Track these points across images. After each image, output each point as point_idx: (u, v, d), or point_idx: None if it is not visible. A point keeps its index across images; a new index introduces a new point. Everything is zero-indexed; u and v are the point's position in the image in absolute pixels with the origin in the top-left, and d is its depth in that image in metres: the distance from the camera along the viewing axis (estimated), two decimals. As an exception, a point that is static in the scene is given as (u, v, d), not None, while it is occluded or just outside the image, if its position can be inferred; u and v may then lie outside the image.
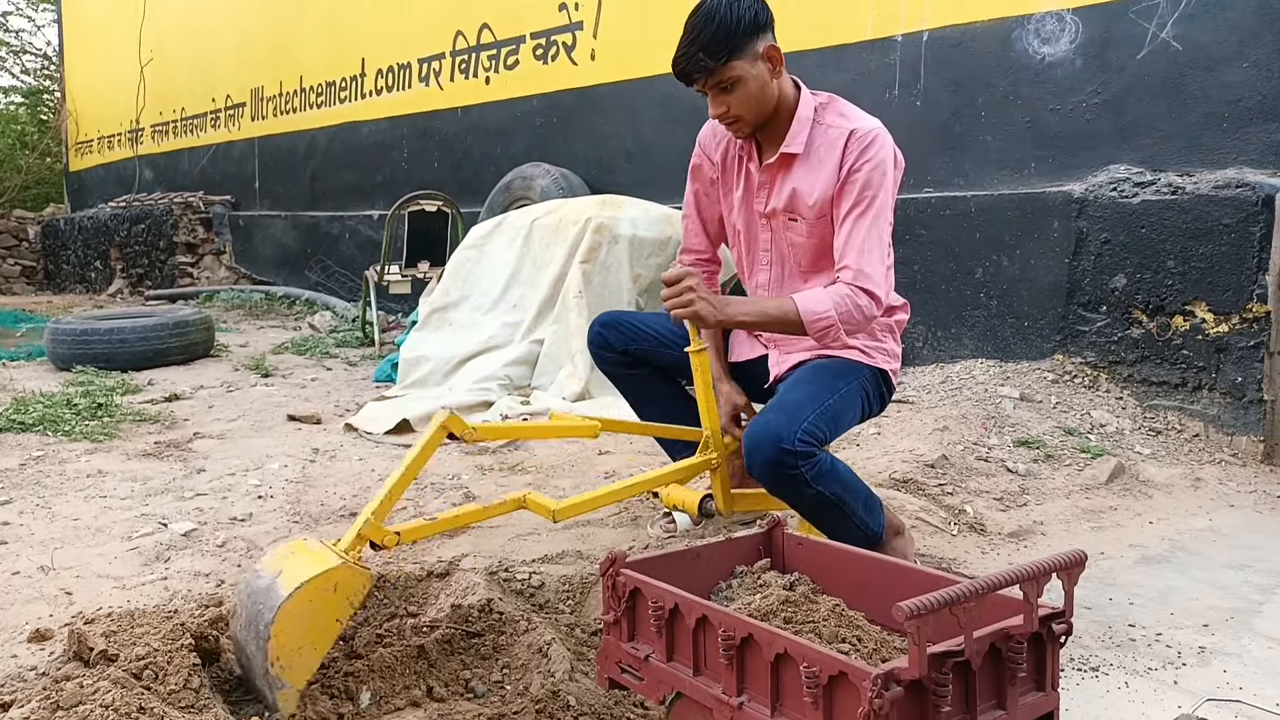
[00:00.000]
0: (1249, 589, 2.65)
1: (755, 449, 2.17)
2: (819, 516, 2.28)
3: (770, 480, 2.20)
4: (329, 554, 1.95)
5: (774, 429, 2.16)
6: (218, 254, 11.42)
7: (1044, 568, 1.42)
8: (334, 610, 1.92)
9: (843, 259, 2.33)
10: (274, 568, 1.93)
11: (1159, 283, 4.17)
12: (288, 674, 1.84)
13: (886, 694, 1.27)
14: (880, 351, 2.53)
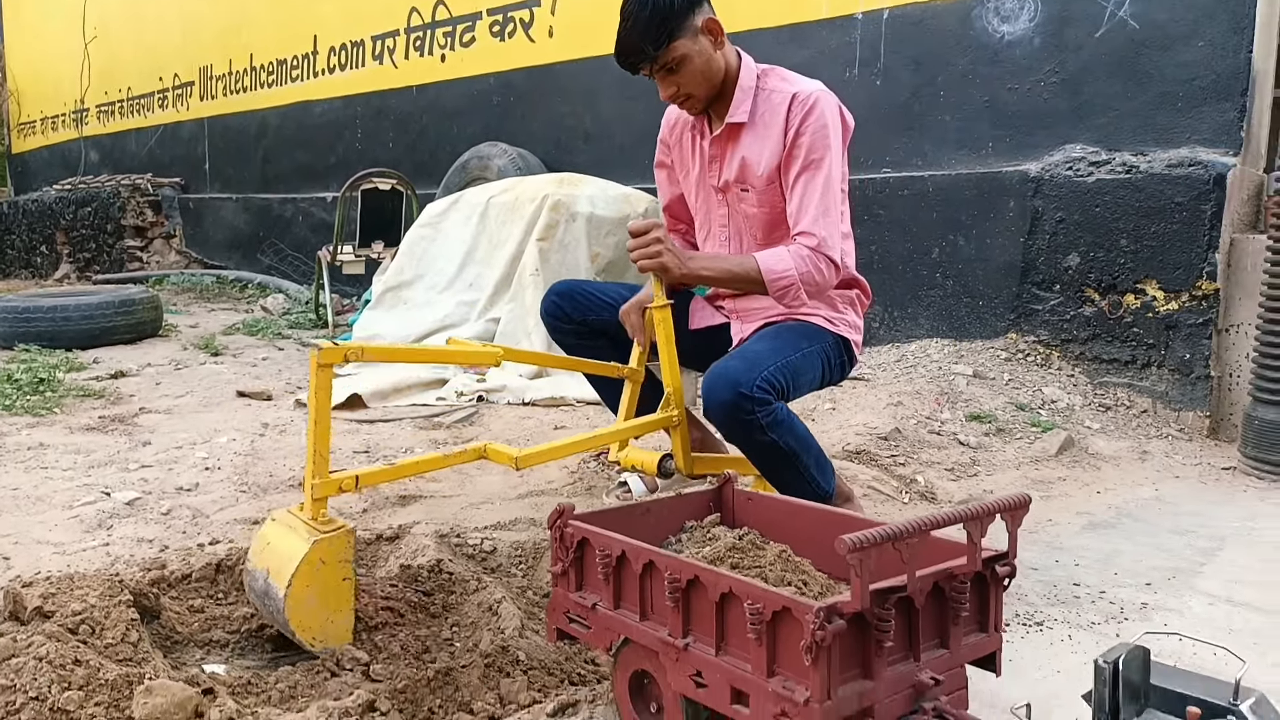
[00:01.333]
0: (1191, 552, 2.70)
1: (713, 391, 2.16)
2: (772, 467, 2.28)
3: (726, 424, 2.19)
4: (300, 534, 1.91)
5: (733, 374, 2.15)
6: (167, 238, 11.16)
7: (988, 508, 1.43)
8: (334, 577, 1.92)
9: (798, 224, 2.34)
10: (261, 565, 1.94)
11: (1112, 261, 4.24)
12: (331, 641, 1.92)
13: (829, 626, 1.26)
14: (843, 321, 2.54)
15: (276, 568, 1.91)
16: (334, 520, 1.96)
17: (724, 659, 1.43)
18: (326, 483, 1.98)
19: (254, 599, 2.00)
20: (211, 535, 2.62)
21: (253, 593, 1.99)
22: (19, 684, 1.63)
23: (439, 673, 1.86)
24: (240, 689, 1.81)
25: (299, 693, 1.83)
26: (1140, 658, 1.21)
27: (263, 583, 1.93)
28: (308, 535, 1.90)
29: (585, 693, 1.84)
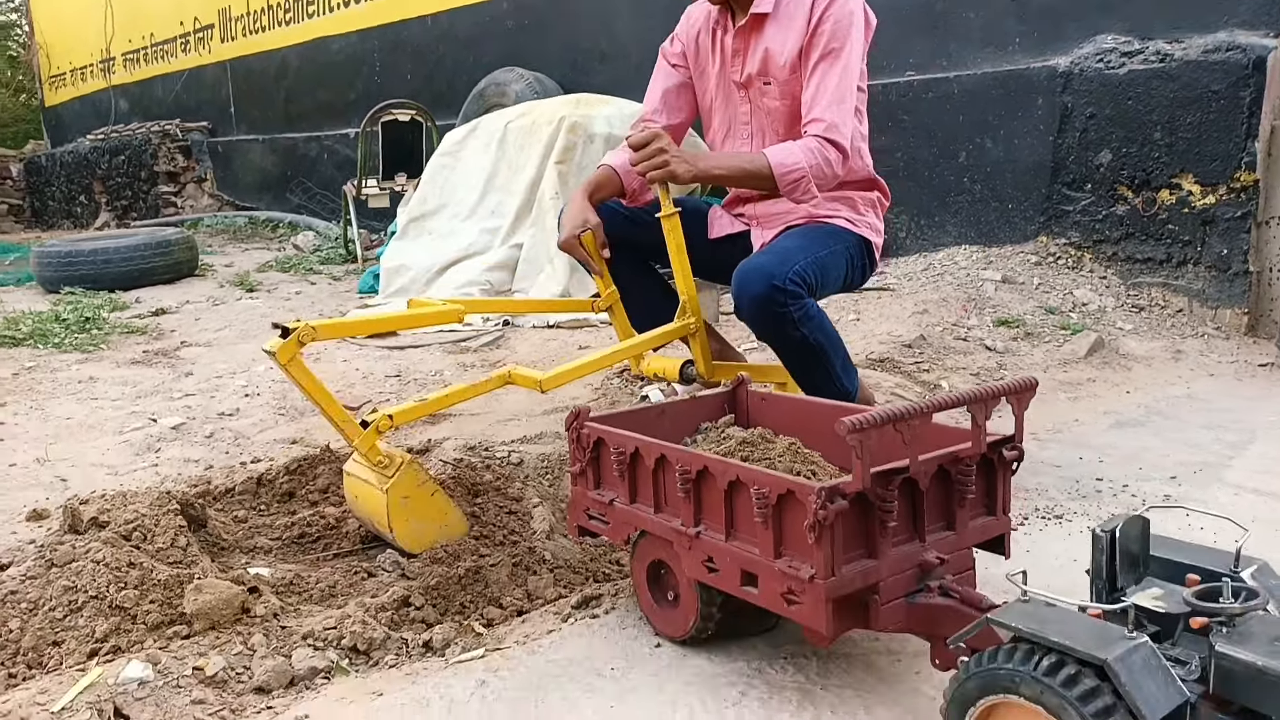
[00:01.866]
0: (1220, 446, 2.69)
1: (746, 284, 2.16)
2: (801, 363, 2.29)
3: (759, 318, 2.19)
4: (374, 485, 2.05)
5: (766, 267, 2.16)
6: (199, 182, 11.28)
7: (992, 391, 1.44)
8: (422, 500, 2.06)
9: (810, 111, 2.30)
10: (364, 515, 2.15)
11: (1145, 156, 4.12)
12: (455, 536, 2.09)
13: (830, 506, 1.30)
14: (864, 224, 2.52)
15: (375, 517, 2.08)
16: (393, 457, 2.06)
17: (734, 544, 1.48)
18: (366, 437, 2.05)
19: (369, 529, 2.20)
20: (253, 454, 2.72)
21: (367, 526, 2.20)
22: (79, 584, 1.74)
23: (469, 571, 1.95)
24: (284, 588, 1.91)
25: (339, 591, 1.94)
26: (1139, 528, 1.23)
27: (373, 528, 2.13)
28: (380, 484, 2.04)
29: (609, 588, 1.92)
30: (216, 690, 1.60)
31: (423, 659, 1.71)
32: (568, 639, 1.74)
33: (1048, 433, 2.84)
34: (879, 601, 1.39)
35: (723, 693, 1.53)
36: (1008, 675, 1.08)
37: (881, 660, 1.61)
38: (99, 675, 1.61)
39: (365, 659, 1.71)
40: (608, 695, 1.54)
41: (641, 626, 1.76)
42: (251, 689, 1.61)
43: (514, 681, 1.60)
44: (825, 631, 1.34)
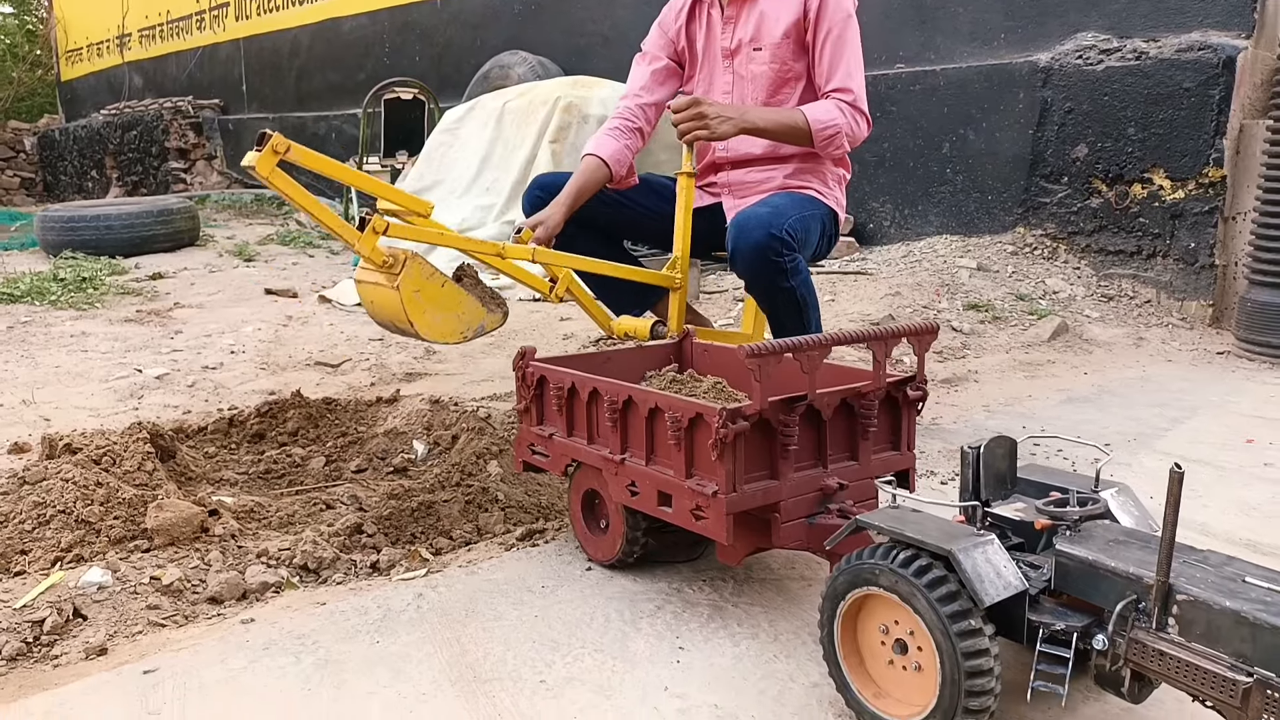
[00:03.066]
0: (1161, 421, 2.78)
1: (744, 232, 2.24)
2: (786, 316, 2.39)
3: (755, 265, 2.27)
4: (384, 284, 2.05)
5: (764, 218, 2.26)
6: (209, 159, 11.43)
7: (893, 331, 1.54)
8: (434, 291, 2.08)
9: (830, 82, 2.44)
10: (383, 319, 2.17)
11: (1119, 151, 4.21)
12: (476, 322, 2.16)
13: (731, 426, 1.41)
14: (832, 197, 2.63)
15: (393, 317, 2.09)
16: (397, 254, 2.07)
17: (653, 468, 1.59)
18: (366, 238, 2.05)
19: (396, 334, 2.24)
20: (231, 403, 2.84)
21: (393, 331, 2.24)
22: (48, 500, 1.86)
23: (421, 504, 2.06)
24: (244, 514, 2.02)
25: (297, 520, 2.05)
26: (1005, 447, 1.33)
27: (394, 327, 2.16)
28: (390, 281, 2.05)
29: (552, 525, 2.03)
30: (171, 598, 1.71)
31: (369, 578, 1.82)
32: (506, 563, 1.85)
33: (1000, 405, 2.94)
34: (780, 519, 1.49)
35: (640, 606, 1.64)
36: (870, 569, 1.19)
37: (794, 585, 1.71)
38: (60, 578, 1.72)
39: (315, 576, 1.82)
40: (533, 608, 1.65)
41: (577, 554, 1.87)
42: (205, 599, 1.72)
43: (449, 595, 1.71)
44: (726, 541, 1.45)
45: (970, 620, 1.10)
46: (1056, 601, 1.17)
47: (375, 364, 3.30)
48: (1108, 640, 1.09)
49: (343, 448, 2.42)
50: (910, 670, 1.19)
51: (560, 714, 1.33)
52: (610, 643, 1.52)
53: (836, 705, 1.32)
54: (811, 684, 1.39)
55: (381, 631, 1.57)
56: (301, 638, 1.56)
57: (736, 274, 2.40)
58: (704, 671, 1.43)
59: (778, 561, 1.81)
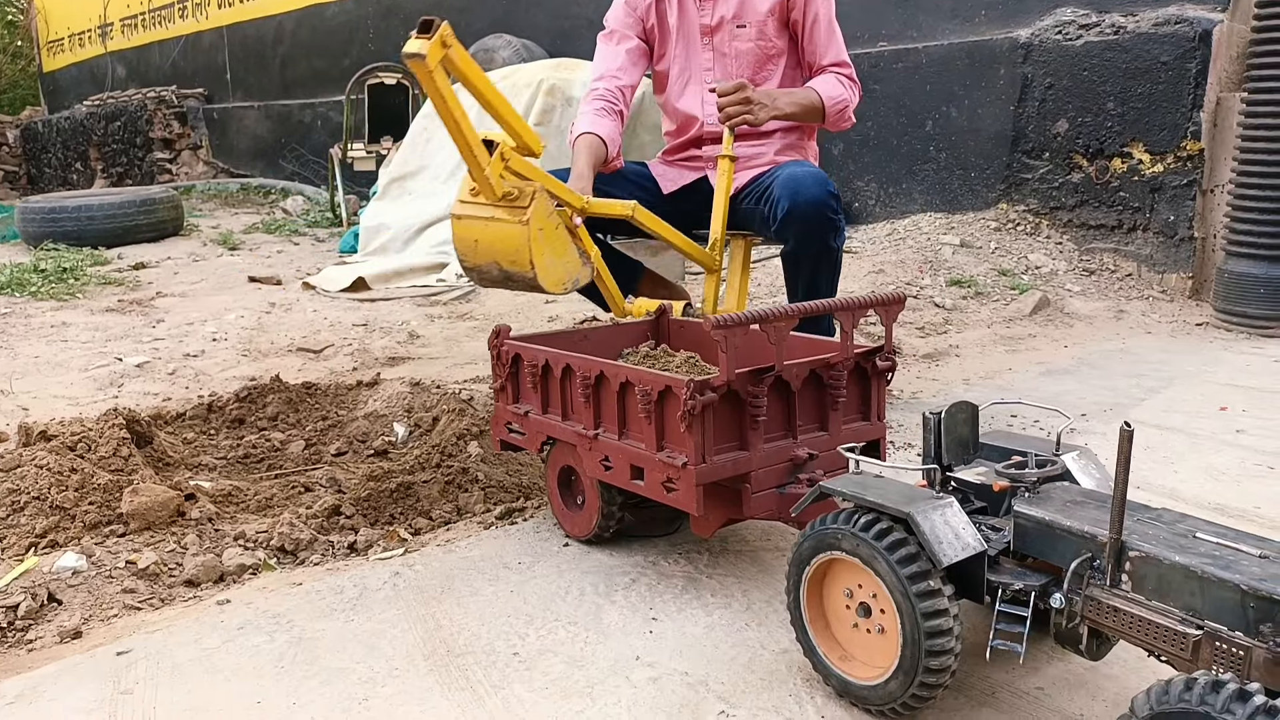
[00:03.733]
0: (1138, 391, 2.80)
1: (804, 187, 2.27)
2: (824, 280, 2.43)
3: (813, 223, 2.29)
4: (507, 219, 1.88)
5: (817, 175, 2.30)
6: (195, 149, 11.36)
7: (860, 301, 1.55)
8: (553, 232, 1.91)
9: (826, 56, 2.52)
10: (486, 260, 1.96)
11: (1099, 125, 4.21)
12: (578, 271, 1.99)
13: (699, 398, 1.42)
14: None
15: (509, 256, 1.87)
16: (522, 188, 1.87)
17: (625, 442, 1.60)
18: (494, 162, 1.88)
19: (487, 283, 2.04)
20: (212, 390, 2.84)
21: (486, 280, 2.03)
22: (22, 486, 1.86)
23: (401, 486, 2.07)
24: (222, 498, 2.03)
25: (275, 503, 2.06)
26: (967, 413, 1.34)
27: (499, 272, 1.94)
28: (516, 216, 1.85)
29: (532, 503, 2.04)
30: (147, 582, 1.72)
31: (346, 558, 1.83)
32: (484, 542, 1.86)
33: (979, 378, 2.96)
34: (750, 490, 1.50)
35: (615, 580, 1.66)
36: (833, 534, 1.20)
37: (768, 555, 1.73)
38: (34, 563, 1.73)
39: (292, 558, 1.83)
40: (509, 583, 1.66)
41: (555, 531, 1.88)
42: (181, 582, 1.73)
43: (426, 573, 1.72)
44: (696, 512, 1.46)
45: (929, 581, 1.11)
46: (1016, 562, 1.19)
47: (358, 349, 3.30)
48: (1064, 598, 1.11)
49: (322, 431, 2.43)
50: (874, 633, 1.20)
51: (531, 685, 1.34)
52: (584, 615, 1.54)
53: (805, 670, 1.33)
54: (781, 650, 1.41)
55: (357, 610, 1.59)
56: (276, 617, 1.57)
57: (784, 237, 2.39)
58: (676, 641, 1.45)
59: (753, 533, 1.82)
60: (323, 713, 1.29)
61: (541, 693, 1.32)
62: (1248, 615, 0.98)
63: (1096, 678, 1.30)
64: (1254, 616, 0.98)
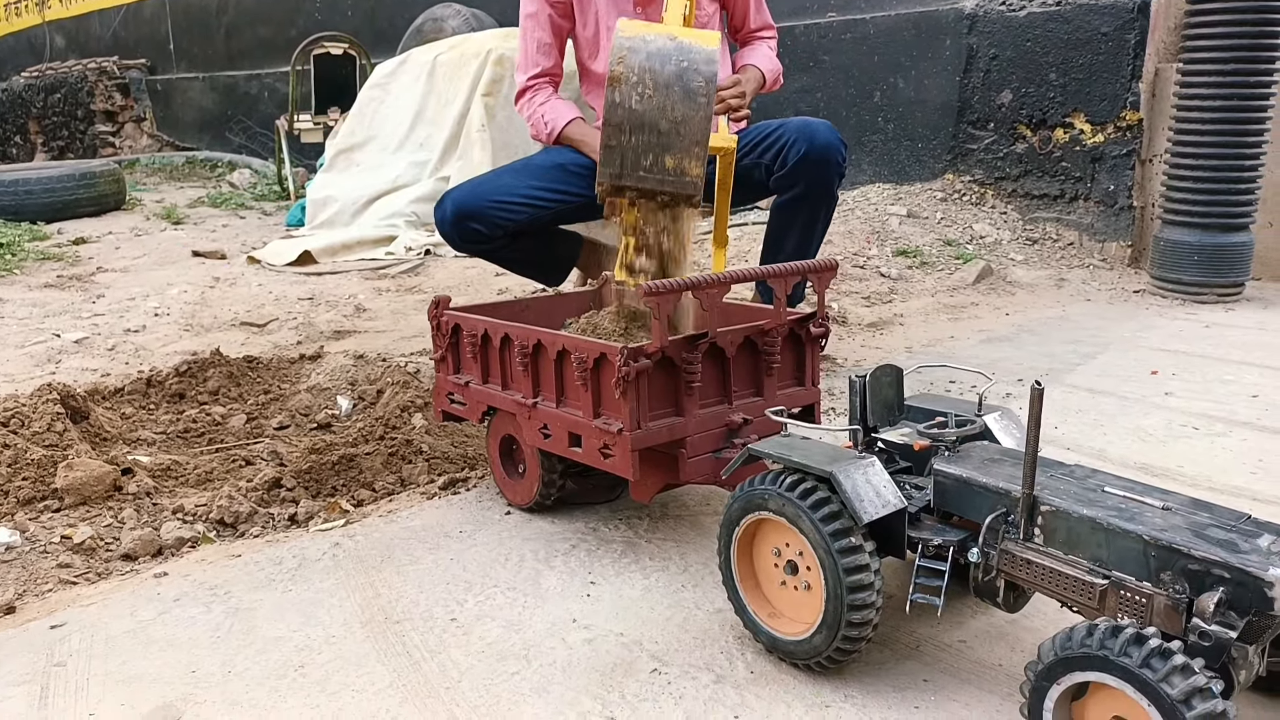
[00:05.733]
0: (1074, 356, 2.87)
1: (818, 134, 2.37)
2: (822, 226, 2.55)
3: (825, 168, 2.39)
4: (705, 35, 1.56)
5: (828, 123, 2.41)
6: (138, 121, 11.05)
7: (792, 269, 1.57)
8: None
9: (757, 22, 2.67)
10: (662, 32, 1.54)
11: (1042, 96, 4.27)
12: None
13: (633, 364, 1.43)
14: None
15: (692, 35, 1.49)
16: None
17: (563, 410, 1.61)
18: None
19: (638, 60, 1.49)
20: (152, 365, 2.79)
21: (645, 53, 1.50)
22: (-48, 463, 1.82)
23: (343, 458, 2.06)
24: (160, 473, 2.01)
25: (215, 476, 2.04)
26: (892, 376, 1.38)
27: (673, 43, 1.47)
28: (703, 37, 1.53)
29: (476, 473, 2.04)
30: (84, 556, 1.70)
31: (287, 530, 1.82)
32: (426, 511, 1.86)
33: (922, 346, 3.01)
34: (686, 455, 1.52)
35: (555, 546, 1.67)
36: (760, 494, 1.23)
37: (707, 520, 1.76)
38: (-32, 539, 1.70)
39: (232, 531, 1.82)
40: (450, 551, 1.67)
41: (497, 500, 1.89)
42: (119, 556, 1.71)
43: (366, 543, 1.72)
44: (633, 477, 1.48)
45: (851, 538, 1.14)
46: (936, 519, 1.22)
47: (303, 323, 3.26)
48: (981, 552, 1.15)
49: (264, 405, 2.41)
50: (800, 590, 1.23)
51: (468, 649, 1.36)
52: (523, 581, 1.55)
53: (737, 628, 1.36)
54: (715, 609, 1.44)
55: (295, 580, 1.58)
56: (214, 588, 1.56)
57: (792, 183, 2.45)
58: (613, 603, 1.47)
59: (693, 499, 1.85)
60: (258, 680, 1.29)
61: (478, 656, 1.34)
62: (1149, 565, 1.03)
63: (1017, 630, 1.35)
64: (1155, 566, 1.02)
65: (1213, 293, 3.50)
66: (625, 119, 1.48)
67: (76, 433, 2.04)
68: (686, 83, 1.45)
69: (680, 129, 1.46)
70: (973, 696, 1.21)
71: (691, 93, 1.45)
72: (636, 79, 1.47)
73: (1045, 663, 0.98)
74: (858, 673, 1.26)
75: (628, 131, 1.48)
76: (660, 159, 1.48)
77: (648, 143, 1.48)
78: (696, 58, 1.46)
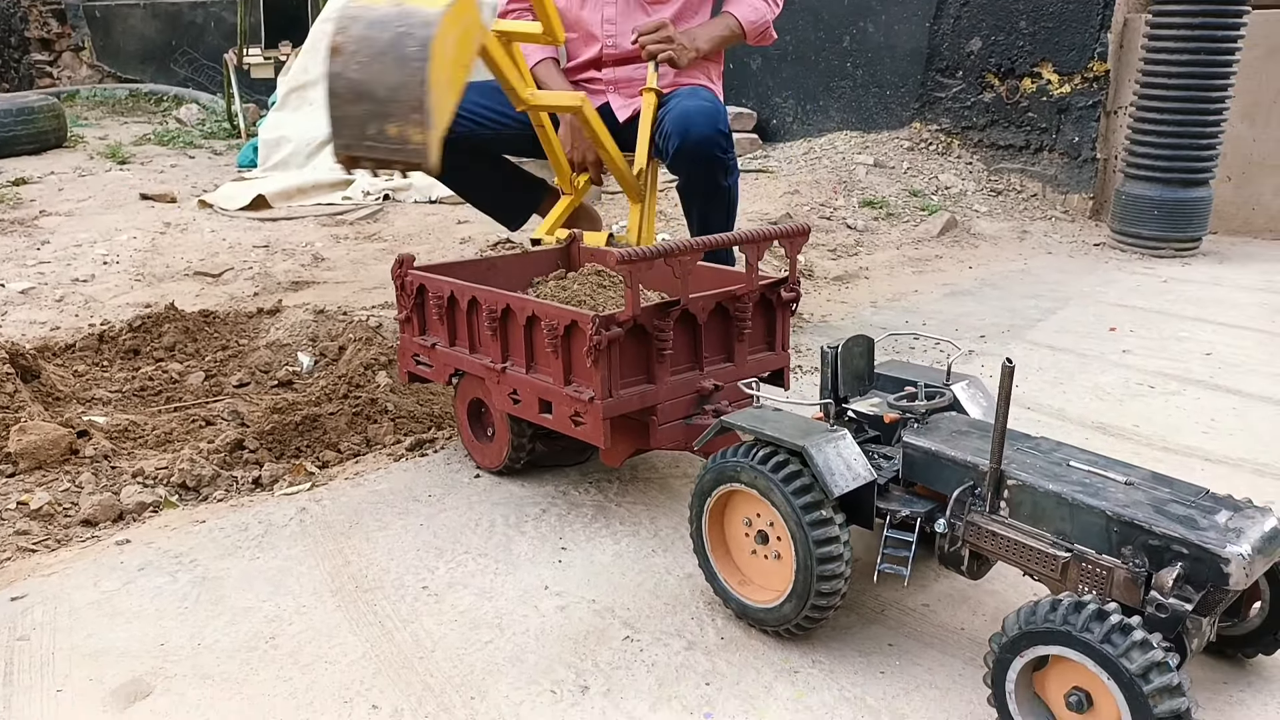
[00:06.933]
0: (1035, 312, 2.91)
1: (694, 125, 2.20)
2: (716, 216, 2.39)
3: (702, 162, 2.25)
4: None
5: (708, 112, 2.22)
6: (76, 50, 10.56)
7: (764, 234, 1.56)
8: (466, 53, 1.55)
9: None
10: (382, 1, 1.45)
11: (1011, 44, 4.25)
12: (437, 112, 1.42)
13: (605, 333, 1.42)
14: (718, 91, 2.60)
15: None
16: None
17: (533, 376, 1.60)
18: None
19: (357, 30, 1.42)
20: (103, 318, 2.71)
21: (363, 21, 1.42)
22: (-103, 427, 1.77)
23: (306, 418, 2.03)
24: (118, 434, 1.96)
25: (174, 438, 2.00)
26: (863, 346, 1.38)
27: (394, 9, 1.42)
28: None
29: (443, 434, 2.03)
30: (41, 523, 1.67)
31: (251, 494, 1.80)
32: (393, 474, 1.85)
33: (886, 301, 3.03)
34: (657, 422, 1.52)
35: (526, 510, 1.67)
36: (732, 467, 1.23)
37: (677, 483, 1.77)
38: (-80, 505, 1.66)
39: (195, 494, 1.79)
40: (419, 516, 1.67)
41: (466, 463, 1.88)
42: (78, 521, 1.68)
43: (334, 508, 1.71)
44: (604, 445, 1.48)
45: (822, 511, 1.16)
46: (904, 490, 1.24)
47: (259, 273, 3.18)
48: (948, 524, 1.17)
49: (223, 362, 2.36)
50: (770, 559, 1.25)
51: (440, 618, 1.36)
52: (494, 547, 1.56)
53: (707, 594, 1.38)
54: (686, 575, 1.45)
55: (262, 547, 1.57)
56: (179, 557, 1.54)
57: (677, 172, 2.37)
58: (584, 569, 1.48)
59: (662, 461, 1.86)
60: (228, 653, 1.29)
61: (450, 625, 1.34)
62: (1111, 539, 1.05)
63: (979, 594, 1.39)
64: (1117, 540, 1.05)
65: (1170, 247, 3.56)
66: (345, 89, 1.43)
67: (28, 393, 1.99)
68: (401, 49, 1.40)
69: (396, 95, 1.41)
70: (936, 661, 1.24)
71: (405, 59, 1.39)
72: (355, 48, 1.42)
73: (1009, 636, 1.01)
74: (825, 638, 1.29)
75: (349, 101, 1.44)
76: (383, 128, 1.43)
77: (370, 112, 1.43)
78: (413, 21, 1.41)
